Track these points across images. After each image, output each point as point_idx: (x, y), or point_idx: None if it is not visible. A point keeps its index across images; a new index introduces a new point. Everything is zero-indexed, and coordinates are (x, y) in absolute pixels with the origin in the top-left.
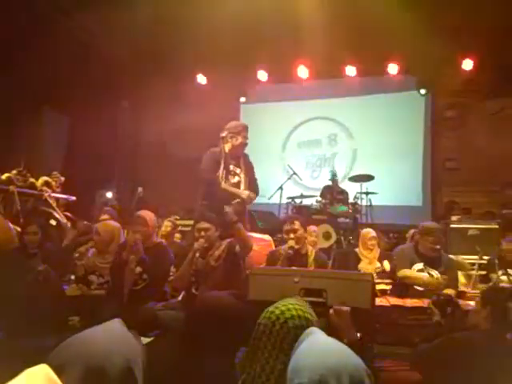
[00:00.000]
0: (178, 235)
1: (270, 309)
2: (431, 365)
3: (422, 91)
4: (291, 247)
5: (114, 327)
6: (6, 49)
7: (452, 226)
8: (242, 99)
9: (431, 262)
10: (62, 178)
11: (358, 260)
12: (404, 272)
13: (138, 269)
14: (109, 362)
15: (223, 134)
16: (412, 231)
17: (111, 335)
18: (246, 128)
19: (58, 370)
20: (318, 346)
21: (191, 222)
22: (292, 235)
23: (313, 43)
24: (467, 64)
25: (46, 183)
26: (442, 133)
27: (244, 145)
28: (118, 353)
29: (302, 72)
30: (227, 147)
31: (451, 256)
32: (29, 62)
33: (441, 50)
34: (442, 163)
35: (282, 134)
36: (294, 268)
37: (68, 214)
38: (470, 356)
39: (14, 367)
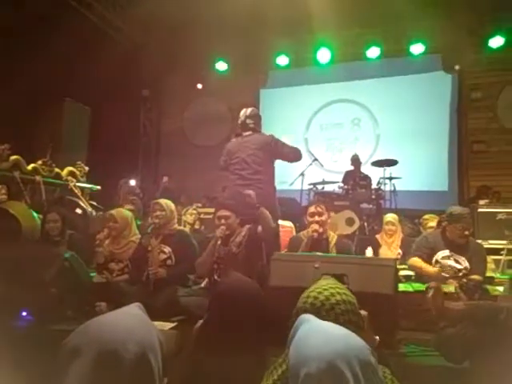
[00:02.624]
0: (197, 222)
1: (312, 294)
2: (456, 349)
3: (448, 71)
4: (315, 230)
5: (133, 312)
6: (27, 41)
7: (480, 210)
8: (262, 84)
9: (458, 249)
10: (87, 168)
11: (379, 246)
12: (411, 261)
13: (162, 256)
14: (123, 348)
15: None
16: (425, 217)
17: (128, 320)
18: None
19: (73, 354)
20: (319, 333)
21: (212, 210)
22: (317, 218)
23: (333, 25)
24: (495, 42)
25: (71, 173)
26: (469, 114)
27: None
28: (133, 339)
29: (323, 55)
30: None
31: (479, 241)
32: (49, 54)
33: (467, 28)
34: (470, 146)
35: (304, 117)
36: (314, 253)
37: (93, 202)
38: (494, 340)
39: (43, 351)
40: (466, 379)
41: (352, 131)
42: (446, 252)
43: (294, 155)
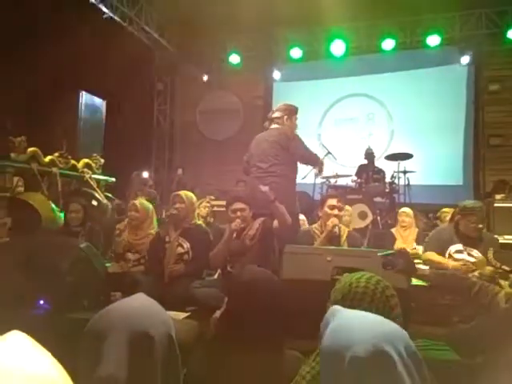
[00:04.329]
0: (209, 218)
1: (362, 279)
2: (469, 345)
3: (464, 62)
4: (335, 225)
5: (145, 298)
6: (44, 34)
7: (496, 205)
8: (275, 78)
9: (472, 242)
10: (102, 160)
11: (394, 240)
12: (427, 255)
13: (180, 249)
14: (153, 327)
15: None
16: (443, 210)
17: (149, 304)
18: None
19: (101, 335)
20: (358, 319)
21: (225, 203)
22: (337, 212)
23: (347, 16)
24: None
25: (87, 165)
26: (486, 107)
27: None
28: (159, 319)
29: (337, 48)
30: None
31: (491, 234)
32: (65, 47)
33: (485, 19)
34: (487, 139)
35: (318, 112)
36: (326, 247)
37: (108, 194)
38: (507, 336)
39: (60, 339)
40: (478, 374)
41: (366, 126)
42: (459, 246)
43: (307, 160)
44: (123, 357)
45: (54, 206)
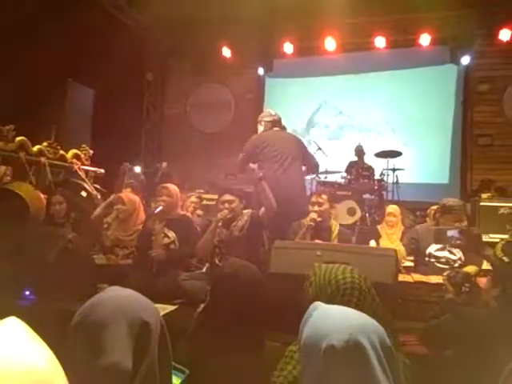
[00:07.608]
0: (199, 211)
1: (347, 275)
2: (437, 340)
3: (455, 61)
4: (313, 219)
5: (129, 290)
6: (32, 22)
7: (482, 204)
8: (267, 72)
9: None
10: (91, 151)
11: (379, 237)
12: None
13: (166, 240)
14: (147, 315)
15: None
16: (431, 208)
17: (136, 294)
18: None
19: (100, 325)
20: (336, 312)
21: (215, 197)
22: (317, 207)
23: (340, 13)
24: (504, 34)
25: (76, 156)
26: (475, 107)
27: None
28: (150, 307)
29: (330, 44)
30: None
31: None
32: (54, 35)
33: (476, 19)
34: (475, 139)
35: (308, 109)
36: (316, 241)
37: (97, 185)
38: (473, 333)
39: (45, 329)
40: (446, 367)
41: (356, 122)
42: (440, 244)
43: (313, 168)
44: (126, 345)
45: (42, 196)
